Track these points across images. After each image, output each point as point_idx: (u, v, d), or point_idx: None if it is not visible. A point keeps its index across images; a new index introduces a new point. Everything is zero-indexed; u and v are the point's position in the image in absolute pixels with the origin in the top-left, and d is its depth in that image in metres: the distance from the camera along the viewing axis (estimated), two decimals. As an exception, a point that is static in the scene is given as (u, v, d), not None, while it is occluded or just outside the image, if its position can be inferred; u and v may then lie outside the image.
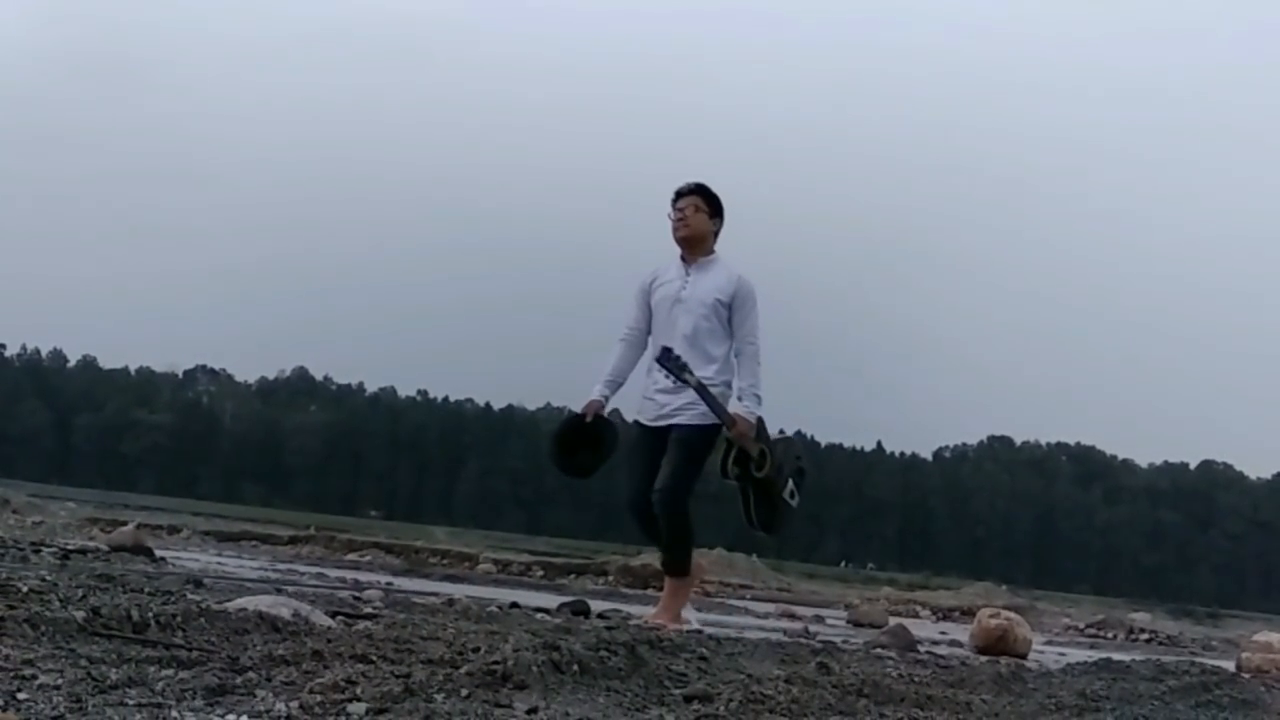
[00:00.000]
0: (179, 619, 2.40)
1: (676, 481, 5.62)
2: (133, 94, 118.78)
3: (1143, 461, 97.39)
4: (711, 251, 5.83)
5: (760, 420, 5.77)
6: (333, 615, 3.12)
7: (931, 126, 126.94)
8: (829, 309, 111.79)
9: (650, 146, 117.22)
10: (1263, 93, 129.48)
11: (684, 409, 5.65)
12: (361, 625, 3.01)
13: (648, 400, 5.78)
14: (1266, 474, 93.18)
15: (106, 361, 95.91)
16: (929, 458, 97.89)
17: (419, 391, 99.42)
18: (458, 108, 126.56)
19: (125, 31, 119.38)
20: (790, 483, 5.92)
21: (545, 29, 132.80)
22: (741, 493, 5.80)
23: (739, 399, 5.70)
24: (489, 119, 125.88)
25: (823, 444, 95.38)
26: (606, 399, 5.81)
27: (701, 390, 5.56)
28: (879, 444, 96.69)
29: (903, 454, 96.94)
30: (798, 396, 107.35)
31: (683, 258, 5.81)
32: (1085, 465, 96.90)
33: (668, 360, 5.58)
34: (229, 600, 3.03)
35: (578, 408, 5.79)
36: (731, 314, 5.73)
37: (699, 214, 5.78)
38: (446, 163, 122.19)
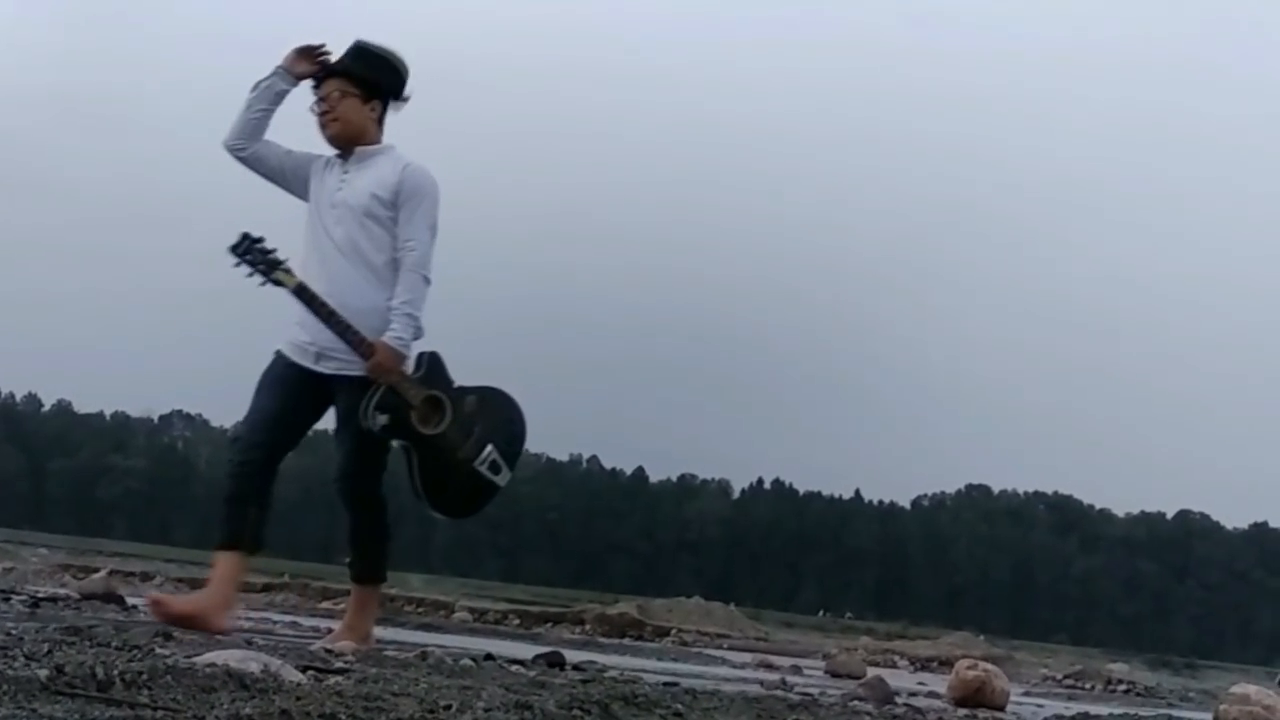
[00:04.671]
0: (145, 676, 2.37)
1: (361, 463, 4.58)
2: (110, 137, 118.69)
3: (1120, 511, 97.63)
4: (377, 142, 4.62)
5: (436, 358, 4.56)
6: (303, 670, 3.08)
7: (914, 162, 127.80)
8: (807, 358, 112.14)
9: (646, 154, 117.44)
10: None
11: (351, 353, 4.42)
12: (332, 680, 2.97)
13: (296, 327, 4.52)
14: (1243, 524, 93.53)
15: (81, 406, 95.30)
16: (907, 506, 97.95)
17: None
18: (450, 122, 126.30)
19: (99, 75, 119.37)
20: (490, 450, 4.57)
21: (550, 38, 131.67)
22: (404, 453, 4.55)
23: (390, 322, 4.43)
24: (479, 133, 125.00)
25: (801, 491, 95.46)
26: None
27: (306, 297, 4.38)
28: (857, 492, 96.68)
29: (881, 502, 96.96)
30: (777, 444, 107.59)
31: (340, 155, 4.62)
32: (1063, 514, 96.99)
33: (242, 248, 4.40)
34: (198, 654, 2.99)
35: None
36: (397, 214, 4.48)
37: (348, 100, 4.56)
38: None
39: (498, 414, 4.67)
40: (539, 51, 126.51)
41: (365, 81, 4.59)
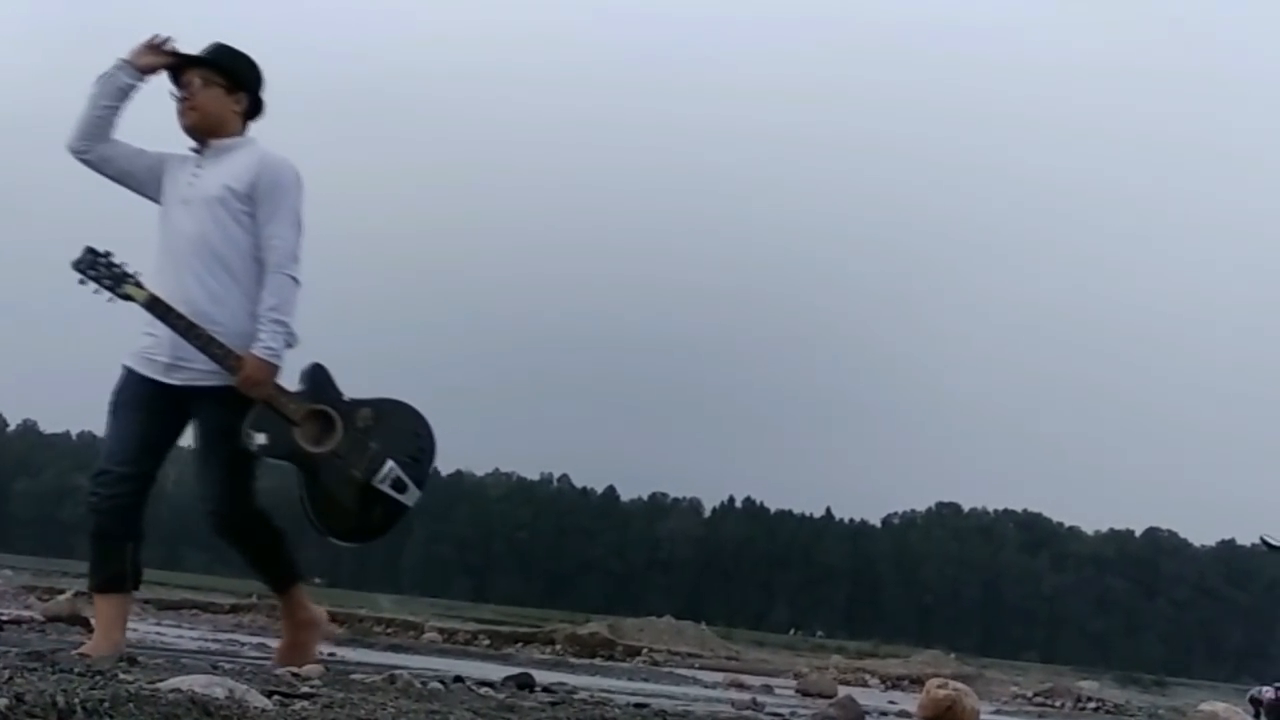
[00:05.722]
0: (107, 704, 2.33)
1: (233, 490, 4.20)
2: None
3: (1089, 528, 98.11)
4: (238, 135, 4.29)
5: (321, 369, 4.20)
6: (269, 695, 3.05)
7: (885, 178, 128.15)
8: (778, 376, 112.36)
9: (624, 166, 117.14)
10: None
11: (209, 363, 4.06)
12: (298, 705, 2.94)
13: (144, 335, 4.18)
14: (1211, 541, 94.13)
15: (47, 426, 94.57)
16: (878, 524, 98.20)
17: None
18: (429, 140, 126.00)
19: (66, 95, 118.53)
20: (391, 466, 4.18)
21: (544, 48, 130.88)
22: (298, 477, 4.19)
23: (258, 331, 4.08)
24: (459, 144, 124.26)
25: (772, 510, 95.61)
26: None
27: (159, 311, 4.04)
28: (828, 510, 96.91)
29: (852, 520, 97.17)
30: (748, 463, 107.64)
31: (196, 149, 4.29)
32: (1032, 532, 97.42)
33: (85, 263, 4.09)
34: (161, 679, 2.96)
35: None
36: (255, 210, 4.14)
37: (210, 89, 4.24)
38: (406, 210, 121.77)
39: (398, 426, 4.26)
40: (523, 59, 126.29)
41: (230, 73, 4.30)
